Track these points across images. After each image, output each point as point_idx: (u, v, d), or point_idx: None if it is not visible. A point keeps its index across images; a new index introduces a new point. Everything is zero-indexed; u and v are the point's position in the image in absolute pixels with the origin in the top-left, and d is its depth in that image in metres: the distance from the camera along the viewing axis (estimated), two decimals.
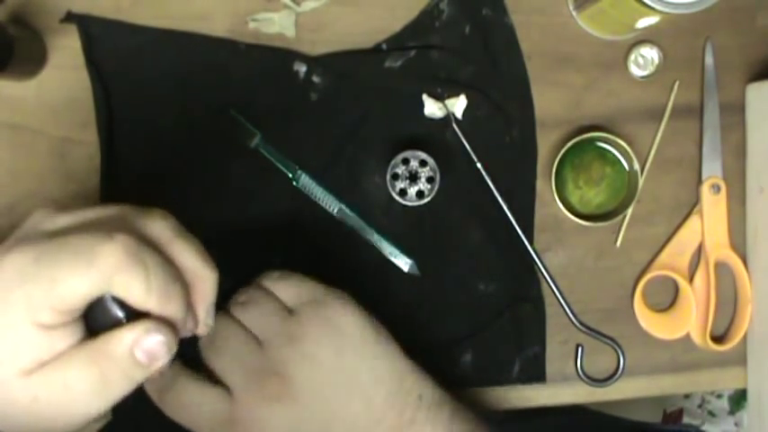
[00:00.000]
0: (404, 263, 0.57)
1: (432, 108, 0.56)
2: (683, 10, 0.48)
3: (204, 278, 0.35)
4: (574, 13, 0.58)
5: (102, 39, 0.54)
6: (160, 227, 0.34)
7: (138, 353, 0.31)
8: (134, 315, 0.32)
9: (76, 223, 0.32)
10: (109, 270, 0.30)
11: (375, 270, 0.57)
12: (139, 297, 0.31)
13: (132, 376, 0.32)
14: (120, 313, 0.32)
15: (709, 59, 0.59)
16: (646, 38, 0.58)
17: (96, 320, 0.32)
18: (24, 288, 0.30)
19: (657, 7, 0.48)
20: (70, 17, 0.53)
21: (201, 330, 0.37)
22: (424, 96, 0.56)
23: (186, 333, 0.35)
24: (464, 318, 0.58)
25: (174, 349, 0.33)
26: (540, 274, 0.58)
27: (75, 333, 0.31)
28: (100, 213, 0.33)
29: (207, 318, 0.37)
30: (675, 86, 0.59)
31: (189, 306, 0.34)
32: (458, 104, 0.56)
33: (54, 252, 0.30)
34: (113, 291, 0.31)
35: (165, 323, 0.32)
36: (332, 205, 0.56)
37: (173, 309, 0.32)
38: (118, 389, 0.31)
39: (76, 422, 0.31)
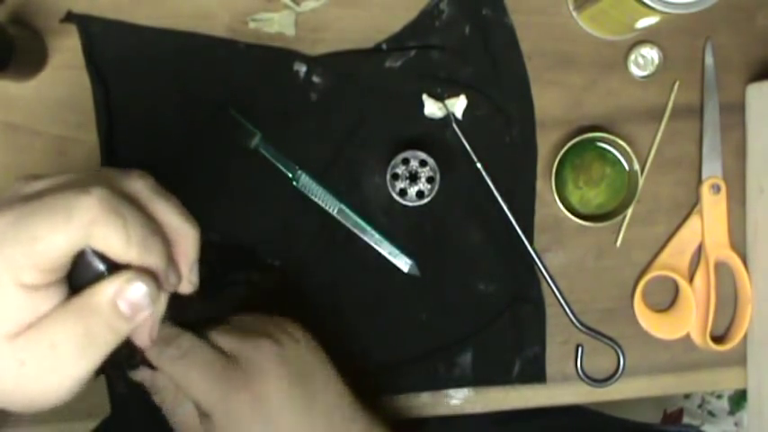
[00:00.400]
0: (404, 263, 0.57)
1: (432, 108, 0.56)
2: (683, 10, 0.48)
3: (186, 235, 0.35)
4: (574, 14, 0.58)
5: (102, 39, 0.54)
6: (139, 185, 0.34)
7: (122, 304, 0.31)
8: (116, 268, 0.32)
9: (54, 185, 0.32)
10: (87, 222, 0.30)
11: (375, 270, 0.57)
12: (119, 248, 0.31)
13: (117, 329, 0.31)
14: (101, 266, 0.32)
15: (709, 59, 0.59)
16: (646, 38, 0.58)
17: (79, 278, 0.32)
18: (4, 250, 0.29)
19: (657, 7, 0.48)
20: (71, 17, 0.53)
21: (185, 287, 0.36)
22: (424, 96, 0.56)
23: (170, 288, 0.34)
24: (464, 318, 0.58)
25: (159, 301, 0.33)
26: (539, 275, 0.58)
27: (58, 293, 0.31)
28: (78, 175, 0.33)
29: (191, 274, 0.36)
30: (675, 86, 0.59)
31: (171, 260, 0.34)
32: (458, 104, 0.56)
33: (31, 211, 0.30)
34: (93, 243, 0.30)
35: (147, 273, 0.32)
36: (332, 205, 0.56)
37: (153, 259, 0.32)
38: (104, 344, 0.31)
39: (66, 386, 0.31)
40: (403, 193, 0.54)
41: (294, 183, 0.55)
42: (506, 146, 0.57)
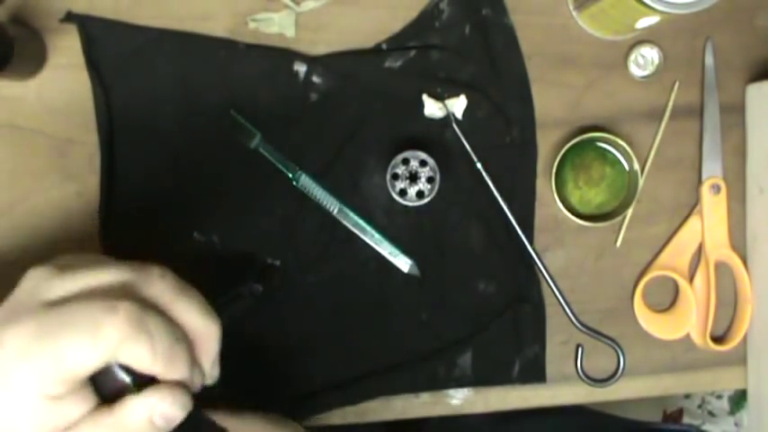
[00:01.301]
0: (404, 263, 0.57)
1: (432, 108, 0.56)
2: (683, 10, 0.48)
3: (208, 334, 0.35)
4: (574, 14, 0.58)
5: (102, 39, 0.54)
6: (161, 288, 0.33)
7: (157, 419, 0.32)
8: (141, 378, 0.32)
9: (75, 291, 0.32)
10: (114, 342, 0.30)
11: (375, 270, 0.57)
12: (146, 363, 0.31)
13: None
14: (126, 378, 0.32)
15: (709, 59, 0.59)
16: (646, 38, 0.58)
17: (104, 385, 0.32)
18: (30, 364, 0.30)
19: (657, 7, 0.48)
20: (70, 17, 0.53)
21: (208, 382, 0.36)
22: (424, 96, 0.56)
23: (195, 388, 0.35)
24: (464, 318, 0.58)
25: (189, 406, 0.33)
26: (539, 275, 0.58)
27: (86, 399, 0.31)
28: (100, 278, 0.33)
29: (212, 370, 0.36)
30: (675, 86, 0.58)
31: (194, 363, 0.34)
32: (457, 104, 0.56)
33: (57, 326, 0.30)
34: (120, 360, 0.31)
35: (177, 385, 0.32)
36: (332, 205, 0.56)
37: (179, 370, 0.32)
38: None
39: None
40: (403, 193, 0.54)
41: (294, 183, 0.55)
42: (506, 146, 0.57)
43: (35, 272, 0.33)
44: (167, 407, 0.32)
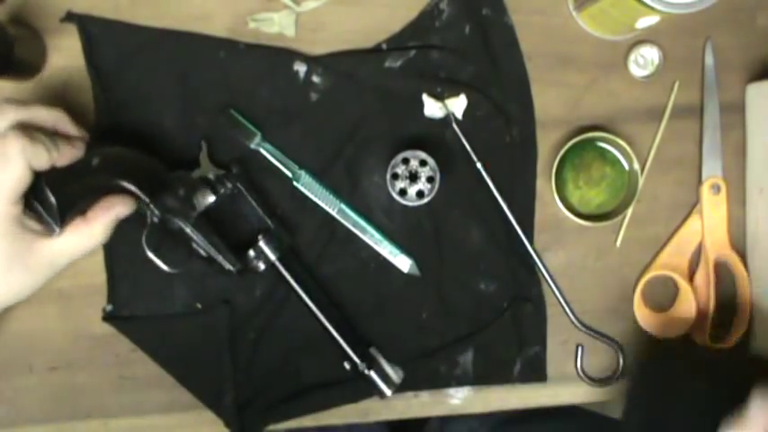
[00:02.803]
0: (404, 263, 0.57)
1: (432, 108, 0.56)
2: (683, 10, 0.48)
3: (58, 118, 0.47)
4: (574, 14, 0.58)
5: (102, 39, 0.54)
6: (17, 115, 0.44)
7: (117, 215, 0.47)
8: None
9: None
10: (19, 153, 0.42)
11: (375, 270, 0.57)
12: (43, 157, 0.43)
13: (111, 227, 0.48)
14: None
15: (709, 59, 0.59)
16: (646, 38, 0.58)
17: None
18: None
19: (657, 7, 0.48)
20: (70, 17, 0.53)
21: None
22: (424, 96, 0.56)
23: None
24: (464, 317, 0.58)
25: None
26: (540, 274, 0.58)
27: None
28: None
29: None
30: (675, 86, 0.58)
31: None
32: (457, 104, 0.56)
33: None
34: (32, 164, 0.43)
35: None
36: (332, 205, 0.56)
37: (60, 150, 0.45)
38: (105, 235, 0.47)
39: None
40: (403, 192, 0.54)
41: (294, 182, 0.55)
42: (506, 146, 0.57)
43: None
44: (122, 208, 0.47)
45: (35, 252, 0.45)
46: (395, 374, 0.55)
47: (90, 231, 0.47)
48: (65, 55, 0.54)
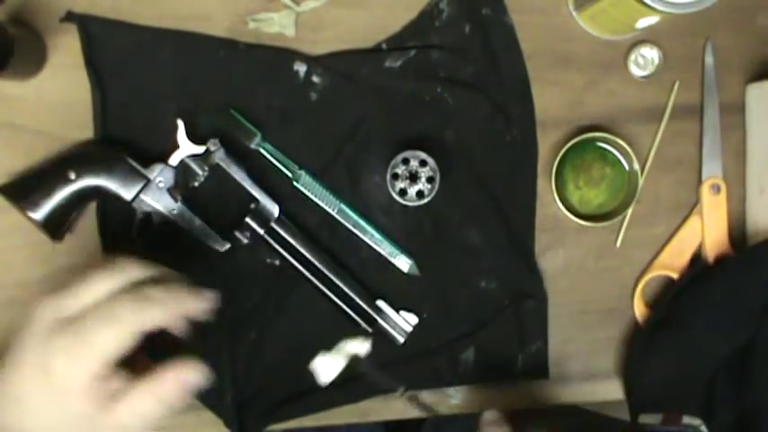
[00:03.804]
0: (404, 263, 0.57)
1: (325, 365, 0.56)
2: (683, 10, 0.48)
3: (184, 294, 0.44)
4: (574, 13, 0.58)
5: (101, 38, 0.54)
6: (136, 274, 0.43)
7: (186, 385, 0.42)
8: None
9: (86, 303, 0.41)
10: (131, 318, 0.40)
11: (375, 270, 0.57)
12: (160, 317, 0.41)
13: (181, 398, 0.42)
14: None
15: (709, 59, 0.59)
16: (646, 38, 0.58)
17: None
18: (78, 360, 0.39)
19: (657, 7, 0.48)
20: (70, 17, 0.53)
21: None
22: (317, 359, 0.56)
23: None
24: (465, 316, 0.58)
25: (207, 375, 0.42)
26: (540, 272, 0.58)
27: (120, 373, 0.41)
28: (96, 289, 0.41)
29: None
30: (675, 86, 0.58)
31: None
32: (362, 347, 0.56)
33: (89, 329, 0.40)
34: (145, 329, 0.40)
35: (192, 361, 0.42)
36: (332, 205, 0.56)
37: (185, 305, 0.43)
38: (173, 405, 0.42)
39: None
40: (403, 192, 0.54)
41: (294, 182, 0.55)
42: (506, 146, 0.57)
43: (47, 301, 0.41)
44: (193, 378, 0.42)
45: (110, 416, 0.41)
46: (405, 322, 0.56)
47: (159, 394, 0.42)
48: (65, 55, 0.54)
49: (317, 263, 0.55)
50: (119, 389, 0.40)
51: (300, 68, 0.56)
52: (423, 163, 0.53)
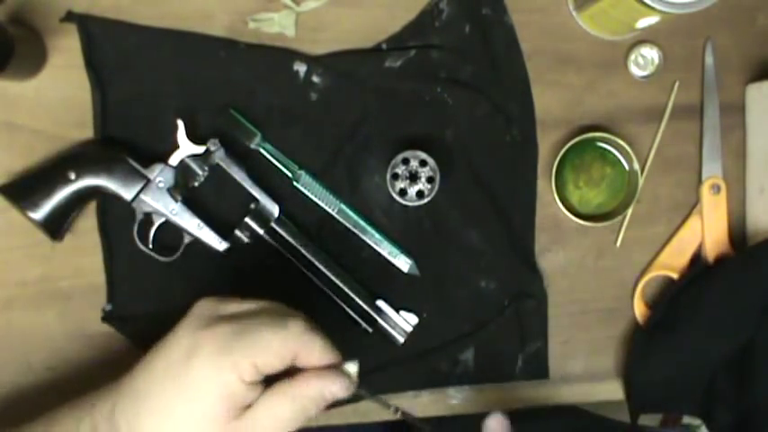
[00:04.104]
0: (404, 263, 0.57)
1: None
2: (683, 10, 0.48)
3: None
4: (574, 13, 0.58)
5: (101, 38, 0.54)
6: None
7: (328, 393, 0.42)
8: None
9: (243, 311, 0.42)
10: (299, 334, 0.41)
11: (375, 270, 0.57)
12: (315, 356, 0.42)
13: (319, 405, 0.42)
14: None
15: (709, 59, 0.59)
16: (646, 38, 0.58)
17: None
18: (231, 357, 0.39)
19: (657, 7, 0.48)
20: (70, 17, 0.53)
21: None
22: None
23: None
24: (465, 316, 0.58)
25: (352, 389, 0.43)
26: (540, 271, 0.58)
27: (261, 387, 0.41)
28: (254, 306, 0.43)
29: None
30: (675, 86, 0.59)
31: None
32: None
33: (250, 327, 0.40)
34: (298, 357, 0.41)
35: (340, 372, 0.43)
36: (332, 205, 0.56)
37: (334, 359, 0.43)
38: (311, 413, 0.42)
39: None
40: (403, 192, 0.54)
41: (294, 182, 0.55)
42: (506, 145, 0.57)
43: (205, 301, 0.43)
44: (336, 387, 0.42)
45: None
46: (405, 322, 0.55)
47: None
48: (65, 55, 0.54)
49: (316, 263, 0.55)
50: (254, 397, 0.41)
51: (300, 68, 0.56)
52: (423, 163, 0.53)
